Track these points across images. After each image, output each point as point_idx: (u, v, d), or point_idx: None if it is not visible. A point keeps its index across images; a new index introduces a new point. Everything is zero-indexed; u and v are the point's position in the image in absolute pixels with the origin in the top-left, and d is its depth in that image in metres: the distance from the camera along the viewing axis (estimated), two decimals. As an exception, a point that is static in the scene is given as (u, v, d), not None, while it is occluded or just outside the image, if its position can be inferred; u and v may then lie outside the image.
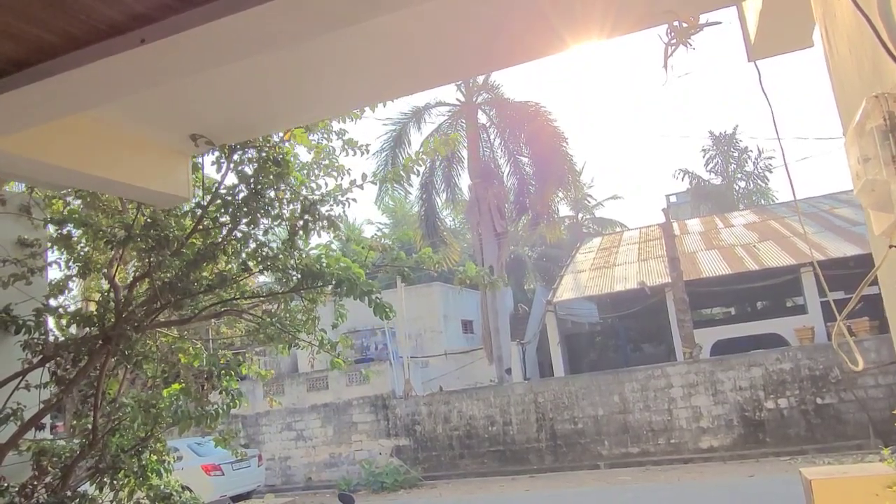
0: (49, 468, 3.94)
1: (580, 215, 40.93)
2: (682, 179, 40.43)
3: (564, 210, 34.69)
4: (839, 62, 1.65)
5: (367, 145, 4.37)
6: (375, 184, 5.44)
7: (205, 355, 4.75)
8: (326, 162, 4.35)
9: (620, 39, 2.76)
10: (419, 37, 2.45)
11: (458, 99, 21.98)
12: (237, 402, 4.55)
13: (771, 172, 40.10)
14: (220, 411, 4.43)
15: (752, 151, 40.60)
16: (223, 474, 14.67)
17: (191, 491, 4.93)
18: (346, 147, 4.32)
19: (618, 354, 25.20)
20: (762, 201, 38.47)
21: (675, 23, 3.20)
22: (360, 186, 4.39)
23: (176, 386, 4.57)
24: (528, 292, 33.35)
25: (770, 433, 15.01)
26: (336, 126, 4.33)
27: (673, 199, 39.38)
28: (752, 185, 40.88)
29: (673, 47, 3.25)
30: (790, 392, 15.01)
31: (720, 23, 3.22)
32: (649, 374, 16.31)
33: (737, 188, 40.73)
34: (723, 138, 40.89)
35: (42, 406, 3.90)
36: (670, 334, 19.30)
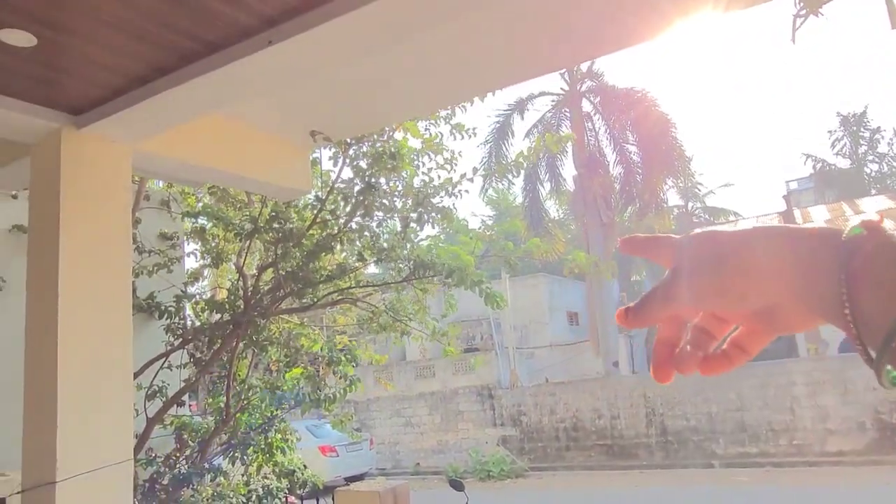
0: (189, 442, 4.30)
1: (690, 204, 39.09)
2: (805, 163, 37.70)
3: (674, 199, 33.27)
4: None
5: (475, 128, 4.41)
6: (482, 176, 5.49)
7: (323, 341, 5.00)
8: (436, 151, 4.43)
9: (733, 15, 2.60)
10: (526, 25, 2.44)
11: (561, 88, 21.63)
12: (354, 386, 4.75)
13: (910, 152, 36.55)
14: (338, 395, 4.65)
15: (885, 131, 37.16)
16: (338, 455, 15.33)
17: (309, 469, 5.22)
18: (454, 131, 4.39)
19: (733, 349, 23.91)
20: (898, 185, 35.16)
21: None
22: (471, 179, 4.45)
23: (297, 370, 4.83)
24: (636, 284, 32.34)
25: (909, 437, 13.77)
26: (443, 112, 4.39)
27: (794, 185, 36.84)
28: (885, 167, 37.41)
29: (802, 18, 3.04)
30: (933, 393, 13.70)
31: (856, -10, 2.97)
32: (769, 370, 15.37)
33: (868, 171, 37.42)
34: (851, 118, 37.66)
35: (183, 385, 4.26)
36: (792, 329, 18.10)
